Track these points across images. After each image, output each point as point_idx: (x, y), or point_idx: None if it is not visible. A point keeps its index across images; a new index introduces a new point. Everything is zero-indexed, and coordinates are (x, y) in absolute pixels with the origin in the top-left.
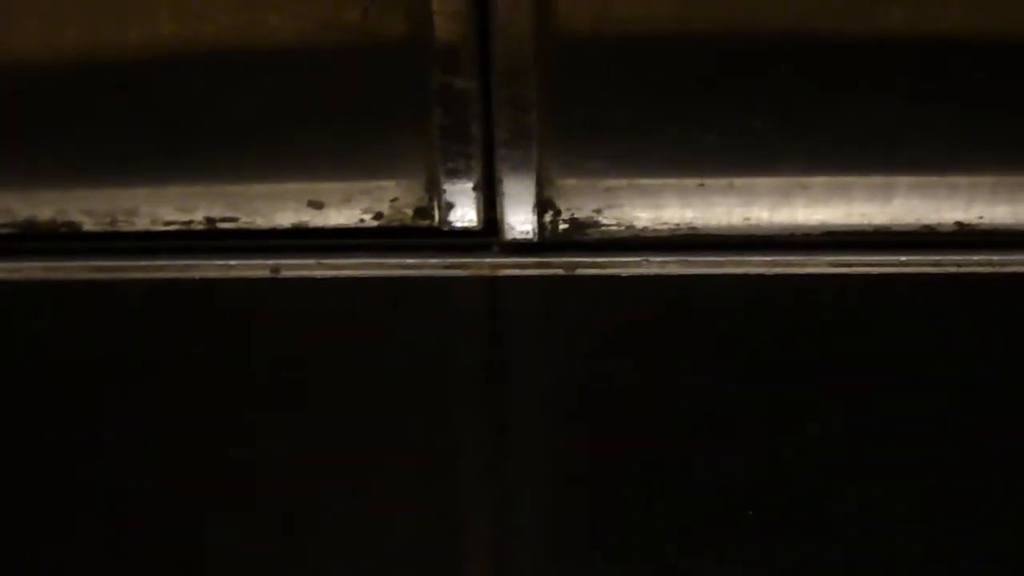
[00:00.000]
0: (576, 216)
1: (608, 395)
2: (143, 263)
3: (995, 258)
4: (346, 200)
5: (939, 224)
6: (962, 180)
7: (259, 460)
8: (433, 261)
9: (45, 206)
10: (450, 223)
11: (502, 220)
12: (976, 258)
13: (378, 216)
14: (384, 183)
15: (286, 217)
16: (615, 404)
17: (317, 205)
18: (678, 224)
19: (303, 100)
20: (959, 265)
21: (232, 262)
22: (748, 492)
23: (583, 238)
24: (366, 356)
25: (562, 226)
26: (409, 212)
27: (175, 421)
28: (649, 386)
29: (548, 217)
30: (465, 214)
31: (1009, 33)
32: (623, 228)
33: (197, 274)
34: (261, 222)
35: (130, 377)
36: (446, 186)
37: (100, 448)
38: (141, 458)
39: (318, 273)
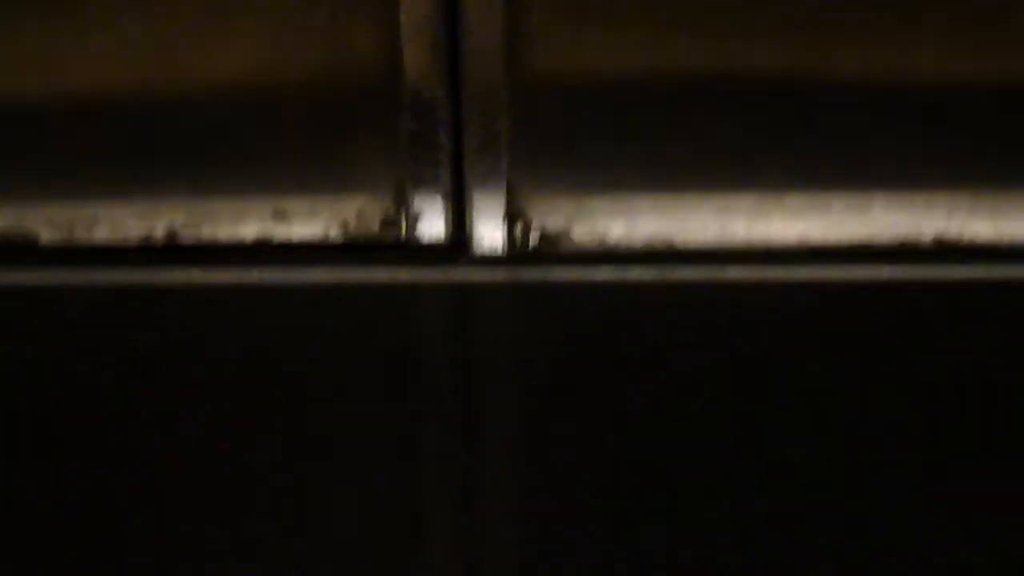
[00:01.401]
0: (547, 228)
1: (580, 410)
2: (102, 275)
3: (975, 270)
4: (311, 212)
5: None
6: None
7: (223, 471)
8: (401, 274)
9: (1, 217)
10: (418, 235)
11: (471, 232)
12: (956, 270)
13: (344, 228)
14: (350, 195)
15: (250, 230)
16: (587, 419)
17: (282, 217)
18: (652, 237)
19: (267, 110)
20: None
21: (194, 275)
22: (721, 499)
23: (554, 251)
24: (332, 371)
25: (533, 239)
26: (376, 224)
27: (135, 434)
28: (622, 401)
29: (519, 229)
30: (433, 226)
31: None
32: (596, 241)
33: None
34: (224, 235)
35: (90, 390)
36: (414, 198)
37: (54, 461)
38: (101, 471)
39: (283, 287)
